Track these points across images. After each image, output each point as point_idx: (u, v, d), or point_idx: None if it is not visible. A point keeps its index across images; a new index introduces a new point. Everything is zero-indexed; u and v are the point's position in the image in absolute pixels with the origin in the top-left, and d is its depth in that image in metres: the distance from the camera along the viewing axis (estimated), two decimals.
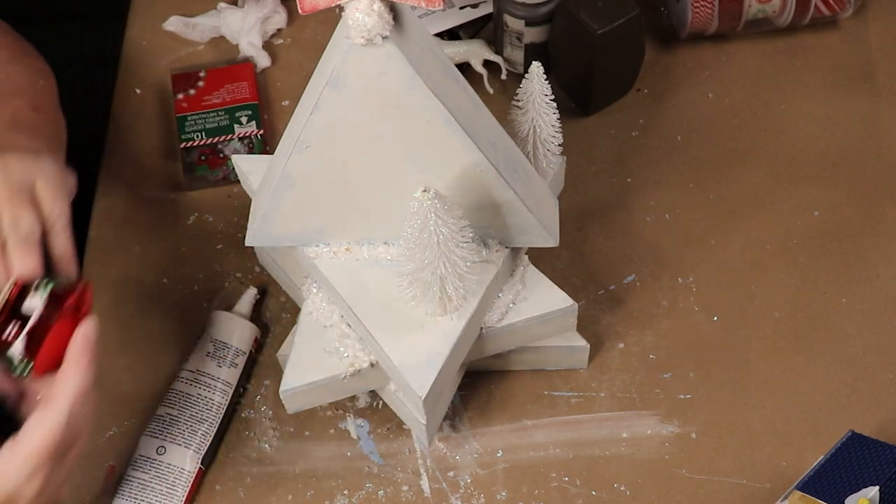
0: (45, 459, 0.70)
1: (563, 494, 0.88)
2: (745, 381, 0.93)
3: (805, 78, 1.10)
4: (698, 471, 0.89)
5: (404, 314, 0.83)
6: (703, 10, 1.07)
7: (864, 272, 0.98)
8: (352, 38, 0.69)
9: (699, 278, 0.98)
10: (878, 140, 1.05)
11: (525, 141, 0.89)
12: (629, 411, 0.92)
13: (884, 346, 0.94)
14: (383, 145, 0.77)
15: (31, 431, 0.70)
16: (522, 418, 0.92)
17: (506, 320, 0.87)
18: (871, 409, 0.91)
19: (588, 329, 0.94)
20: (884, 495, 0.77)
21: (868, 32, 1.12)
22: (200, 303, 0.99)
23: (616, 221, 1.01)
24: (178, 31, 1.15)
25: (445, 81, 0.76)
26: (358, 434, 0.92)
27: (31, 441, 0.70)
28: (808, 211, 1.01)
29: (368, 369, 0.86)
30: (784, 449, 0.89)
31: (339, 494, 0.89)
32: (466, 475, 0.89)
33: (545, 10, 1.03)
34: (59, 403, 0.71)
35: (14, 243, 0.75)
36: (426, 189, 0.73)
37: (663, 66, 1.11)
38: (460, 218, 0.76)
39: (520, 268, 0.88)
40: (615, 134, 1.07)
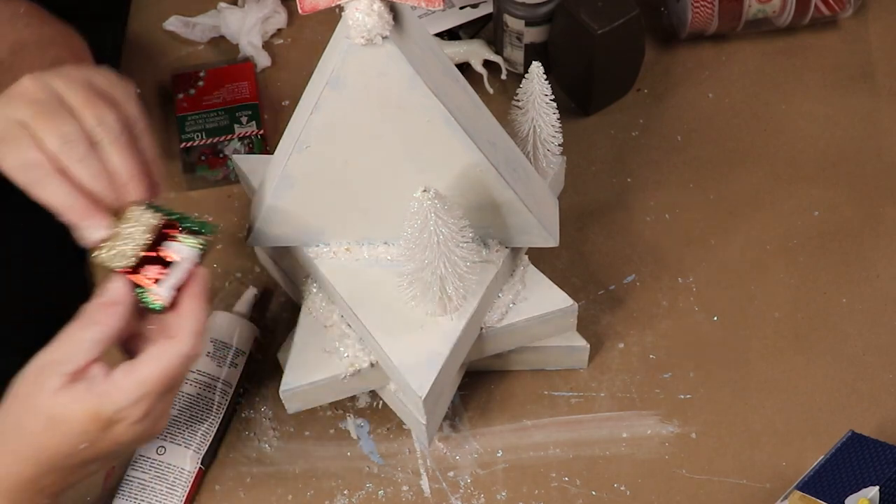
0: (156, 388, 0.71)
1: (563, 494, 0.88)
2: (745, 381, 0.93)
3: (805, 78, 1.10)
4: (698, 471, 0.89)
5: (404, 314, 0.83)
6: (703, 10, 1.07)
7: (864, 272, 0.98)
8: (352, 38, 0.69)
9: (699, 278, 0.98)
10: (878, 140, 1.05)
11: (525, 141, 0.89)
12: (629, 411, 0.92)
13: (884, 346, 0.94)
14: (383, 145, 0.77)
15: (150, 359, 0.72)
16: (522, 418, 0.92)
17: (506, 320, 0.87)
18: (871, 409, 0.91)
19: (588, 329, 0.94)
20: (884, 495, 0.77)
21: (868, 32, 1.12)
22: None
23: (616, 221, 1.01)
24: (178, 31, 1.15)
25: (445, 81, 0.76)
26: (358, 434, 0.92)
27: (147, 367, 0.71)
28: (808, 211, 1.01)
29: (368, 369, 0.86)
30: (784, 449, 0.89)
31: (339, 494, 0.89)
32: (466, 475, 0.89)
33: (545, 10, 1.03)
34: (182, 337, 0.72)
35: (108, 142, 0.73)
36: (426, 189, 0.73)
37: (663, 66, 1.11)
38: (460, 218, 0.76)
39: (520, 268, 0.88)
40: (615, 134, 1.07)
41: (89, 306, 0.73)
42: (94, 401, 0.70)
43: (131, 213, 0.74)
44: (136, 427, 0.72)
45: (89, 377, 0.71)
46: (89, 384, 0.70)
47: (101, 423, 0.71)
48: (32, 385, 0.71)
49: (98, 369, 0.71)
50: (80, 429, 0.70)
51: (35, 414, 0.70)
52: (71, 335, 0.72)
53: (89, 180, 0.72)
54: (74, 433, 0.70)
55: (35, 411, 0.70)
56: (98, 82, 0.75)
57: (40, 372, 0.71)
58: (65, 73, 0.75)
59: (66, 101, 0.73)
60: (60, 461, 0.72)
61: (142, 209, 0.74)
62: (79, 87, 0.74)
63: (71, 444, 0.71)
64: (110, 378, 0.71)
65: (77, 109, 0.73)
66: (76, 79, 0.74)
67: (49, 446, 0.71)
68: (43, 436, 0.71)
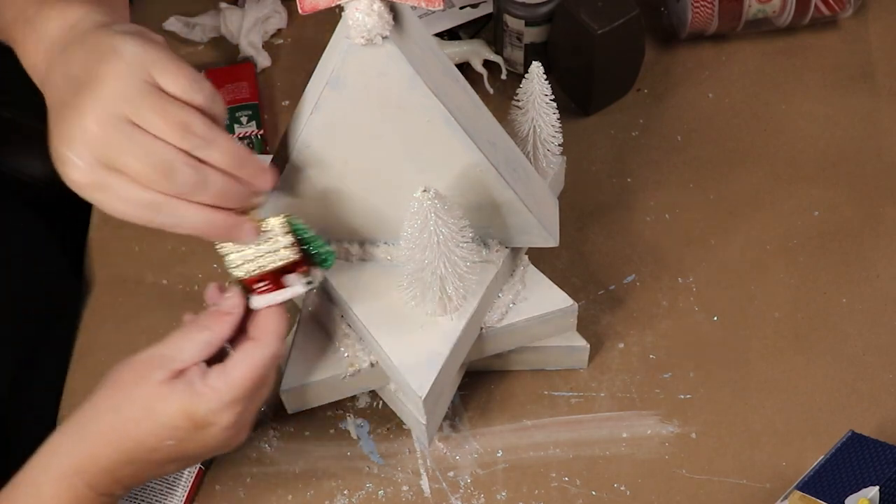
0: (246, 391, 0.73)
1: (563, 494, 0.88)
2: (745, 381, 0.93)
3: (805, 78, 1.10)
4: (698, 471, 0.89)
5: (404, 314, 0.83)
6: (703, 10, 1.07)
7: (864, 272, 0.98)
8: (352, 38, 0.69)
9: (699, 278, 0.98)
10: (878, 140, 1.05)
11: (525, 141, 0.89)
12: (629, 411, 0.92)
13: (884, 346, 0.94)
14: (383, 145, 0.77)
15: (239, 362, 0.73)
16: (522, 418, 0.92)
17: (506, 320, 0.87)
18: (871, 409, 0.91)
19: (588, 329, 0.94)
20: (884, 495, 0.77)
21: (868, 32, 1.12)
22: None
23: (616, 221, 1.01)
24: (178, 31, 1.15)
25: (445, 81, 0.76)
26: (358, 434, 0.92)
27: (238, 370, 0.73)
28: (808, 211, 1.01)
29: (368, 369, 0.86)
30: (784, 449, 0.89)
31: (339, 494, 0.89)
32: (466, 475, 0.89)
33: (545, 10, 1.03)
34: (268, 339, 0.74)
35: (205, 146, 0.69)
36: (426, 189, 0.73)
37: (663, 66, 1.11)
38: (460, 218, 0.76)
39: (520, 268, 0.88)
40: (615, 134, 1.07)
41: (206, 312, 0.76)
42: (190, 399, 0.72)
43: (270, 228, 0.75)
44: (224, 433, 0.74)
45: (189, 377, 0.72)
46: (189, 383, 0.72)
47: (192, 423, 0.72)
48: (138, 374, 0.73)
49: (198, 371, 0.73)
50: (172, 424, 0.72)
51: (133, 401, 0.72)
52: (184, 334, 0.74)
53: (210, 195, 0.69)
54: (165, 427, 0.72)
55: (134, 398, 0.72)
56: (162, 80, 0.68)
57: (149, 363, 0.73)
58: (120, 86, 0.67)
59: (141, 123, 0.67)
60: (143, 454, 0.73)
61: (282, 223, 0.75)
62: (145, 99, 0.67)
63: (158, 438, 0.72)
64: (206, 380, 0.72)
65: (157, 128, 0.67)
66: (136, 87, 0.67)
67: (137, 435, 0.72)
68: (135, 424, 0.72)
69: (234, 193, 0.71)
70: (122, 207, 0.68)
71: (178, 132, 0.67)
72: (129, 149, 0.66)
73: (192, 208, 0.69)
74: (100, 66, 0.67)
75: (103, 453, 0.73)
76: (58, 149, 0.68)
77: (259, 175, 0.72)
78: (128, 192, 0.68)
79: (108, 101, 0.66)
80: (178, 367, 0.73)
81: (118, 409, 0.73)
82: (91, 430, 0.73)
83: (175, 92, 0.68)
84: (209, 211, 0.70)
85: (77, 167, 0.67)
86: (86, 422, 0.74)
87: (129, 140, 0.66)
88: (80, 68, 0.68)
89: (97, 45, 0.69)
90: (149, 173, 0.67)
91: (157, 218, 0.69)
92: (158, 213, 0.68)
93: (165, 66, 0.68)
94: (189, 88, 0.68)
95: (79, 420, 0.74)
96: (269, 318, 0.75)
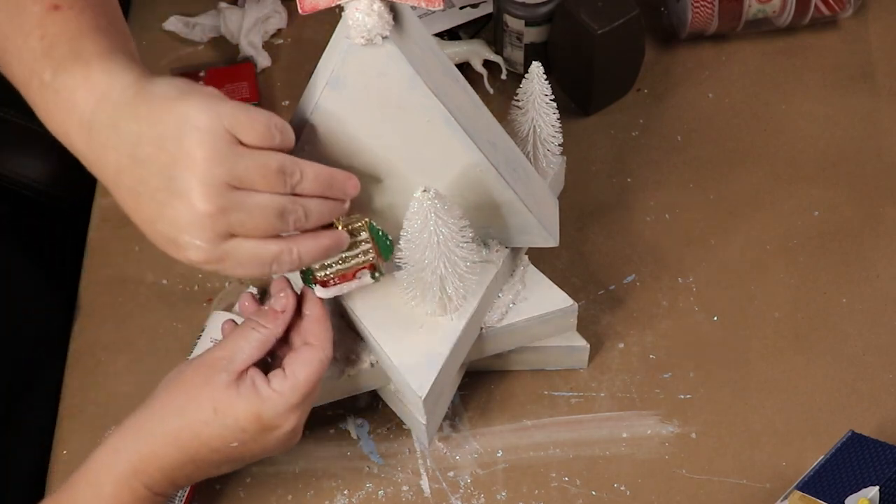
0: (307, 395, 0.75)
1: (563, 494, 0.88)
2: (745, 381, 0.93)
3: (805, 78, 1.10)
4: (698, 471, 0.89)
5: (404, 314, 0.83)
6: (703, 10, 1.07)
7: (864, 272, 0.98)
8: (352, 38, 0.69)
9: (699, 278, 0.98)
10: (878, 140, 1.05)
11: (525, 141, 0.89)
12: (629, 411, 0.92)
13: (884, 346, 0.94)
14: (383, 145, 0.77)
15: (301, 366, 0.75)
16: (522, 418, 0.92)
17: (506, 320, 0.87)
18: (871, 409, 0.91)
19: (588, 329, 0.94)
20: (884, 495, 0.77)
21: (868, 32, 1.12)
22: (200, 303, 0.99)
23: (616, 221, 1.01)
24: (178, 31, 1.15)
25: (445, 81, 0.76)
26: (358, 434, 0.92)
27: (301, 373, 0.75)
28: (808, 211, 1.01)
29: (368, 369, 0.86)
30: (784, 449, 0.89)
31: (339, 494, 0.89)
32: (466, 475, 0.89)
33: (545, 10, 1.03)
34: (323, 344, 0.77)
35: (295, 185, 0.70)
36: (426, 189, 0.73)
37: (663, 66, 1.11)
38: (460, 218, 0.76)
39: (520, 268, 0.88)
40: (615, 134, 1.07)
41: (258, 311, 0.78)
42: (259, 403, 0.74)
43: (356, 231, 0.77)
44: (286, 436, 0.76)
45: (252, 380, 0.74)
46: (255, 386, 0.74)
47: (259, 425, 0.74)
48: (202, 377, 0.74)
49: (258, 374, 0.75)
50: (240, 426, 0.73)
51: (201, 402, 0.73)
52: (241, 334, 0.76)
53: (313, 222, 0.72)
54: (233, 429, 0.73)
55: (201, 400, 0.73)
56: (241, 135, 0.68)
57: (211, 365, 0.74)
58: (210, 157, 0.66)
59: (241, 185, 0.67)
60: (206, 454, 0.74)
61: (362, 224, 0.77)
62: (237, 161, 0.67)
63: (225, 440, 0.74)
64: (272, 384, 0.74)
65: (257, 182, 0.68)
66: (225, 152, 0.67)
67: (204, 436, 0.73)
68: (205, 424, 0.73)
69: (332, 211, 0.73)
70: (243, 271, 0.71)
71: (276, 179, 0.69)
72: (242, 213, 0.68)
73: (304, 245, 0.72)
74: (179, 142, 0.66)
75: (167, 453, 0.74)
76: (171, 235, 0.68)
77: (347, 184, 0.74)
78: (246, 255, 0.69)
79: (206, 176, 0.66)
80: (239, 368, 0.74)
81: (183, 410, 0.74)
82: (155, 432, 0.74)
83: (255, 142, 0.68)
84: (317, 239, 0.73)
85: (198, 248, 0.68)
86: (148, 424, 0.75)
87: (239, 206, 0.67)
88: (152, 147, 0.67)
89: (161, 119, 0.67)
90: (264, 227, 0.69)
91: (275, 269, 0.71)
92: (277, 264, 0.71)
93: (238, 119, 0.68)
94: (267, 134, 0.69)
95: (139, 422, 0.75)
96: (320, 325, 0.78)
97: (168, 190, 0.67)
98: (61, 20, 0.71)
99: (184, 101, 0.67)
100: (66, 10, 0.72)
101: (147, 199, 0.68)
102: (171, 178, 0.66)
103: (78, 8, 0.72)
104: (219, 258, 0.69)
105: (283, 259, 0.71)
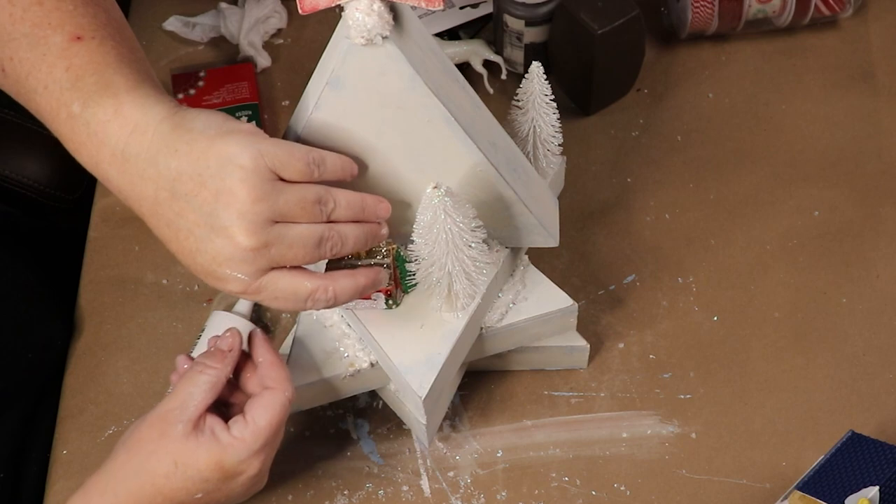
0: (270, 438, 0.74)
1: (563, 494, 0.88)
2: (745, 381, 0.93)
3: (805, 78, 1.10)
4: (698, 471, 0.89)
5: (404, 314, 0.83)
6: (703, 10, 1.07)
7: (864, 272, 0.98)
8: (352, 38, 0.69)
9: (699, 278, 0.98)
10: (878, 140, 1.05)
11: (525, 141, 0.89)
12: (629, 411, 0.92)
13: (884, 346, 0.94)
14: (383, 145, 0.76)
15: (262, 410, 0.74)
16: (522, 418, 0.92)
17: (506, 320, 0.87)
18: (871, 409, 0.91)
19: (588, 329, 0.94)
20: (884, 495, 0.77)
21: (868, 32, 1.12)
22: (200, 303, 0.99)
23: (616, 221, 1.01)
24: (178, 31, 1.15)
25: (445, 81, 0.76)
26: (358, 434, 0.92)
27: (262, 418, 0.74)
28: (808, 211, 1.01)
29: (368, 369, 0.86)
30: (784, 449, 0.89)
31: (339, 494, 0.89)
32: (466, 475, 0.89)
33: (545, 10, 1.03)
34: (283, 385, 0.76)
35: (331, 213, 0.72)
36: (437, 185, 0.73)
37: (663, 66, 1.11)
38: (473, 218, 0.76)
39: (520, 268, 0.88)
40: (615, 134, 1.07)
41: (204, 354, 0.77)
42: (220, 451, 0.73)
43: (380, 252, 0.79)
44: (251, 481, 0.75)
45: (211, 429, 0.73)
46: (214, 434, 0.73)
47: (222, 473, 0.73)
48: (158, 431, 0.73)
49: (217, 422, 0.74)
50: (202, 476, 0.73)
51: (160, 456, 0.72)
52: (189, 380, 0.75)
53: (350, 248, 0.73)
54: (195, 480, 0.73)
55: (160, 454, 0.73)
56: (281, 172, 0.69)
57: (164, 419, 0.73)
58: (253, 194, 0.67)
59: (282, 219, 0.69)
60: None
61: (388, 250, 0.79)
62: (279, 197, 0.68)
63: (188, 492, 0.73)
64: (231, 430, 0.73)
65: (297, 216, 0.70)
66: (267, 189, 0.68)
67: (167, 490, 0.73)
68: (166, 479, 0.72)
69: (367, 235, 0.74)
70: (278, 305, 0.72)
71: (314, 210, 0.70)
72: (283, 246, 0.69)
73: (340, 283, 0.73)
74: (222, 180, 0.67)
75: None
76: (211, 269, 0.69)
77: (378, 207, 0.74)
78: (283, 289, 0.71)
79: (250, 213, 0.67)
80: (194, 416, 0.73)
81: (143, 467, 0.73)
82: (118, 491, 0.73)
83: (295, 178, 0.70)
84: (354, 277, 0.74)
85: (239, 281, 0.70)
86: (111, 484, 0.74)
87: (279, 239, 0.69)
88: (192, 183, 0.68)
89: (202, 156, 0.68)
90: (303, 256, 0.70)
91: (310, 305, 0.72)
92: (312, 301, 0.72)
93: (279, 157, 0.69)
94: (306, 171, 0.70)
95: (100, 483, 0.74)
96: (276, 368, 0.77)
97: (209, 226, 0.68)
98: (86, 51, 0.72)
99: (224, 139, 0.68)
100: (88, 40, 0.72)
101: (186, 232, 0.69)
102: (212, 214, 0.68)
103: (100, 38, 0.73)
104: (257, 290, 0.70)
105: (319, 297, 0.72)
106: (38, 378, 0.97)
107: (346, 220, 0.72)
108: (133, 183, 0.70)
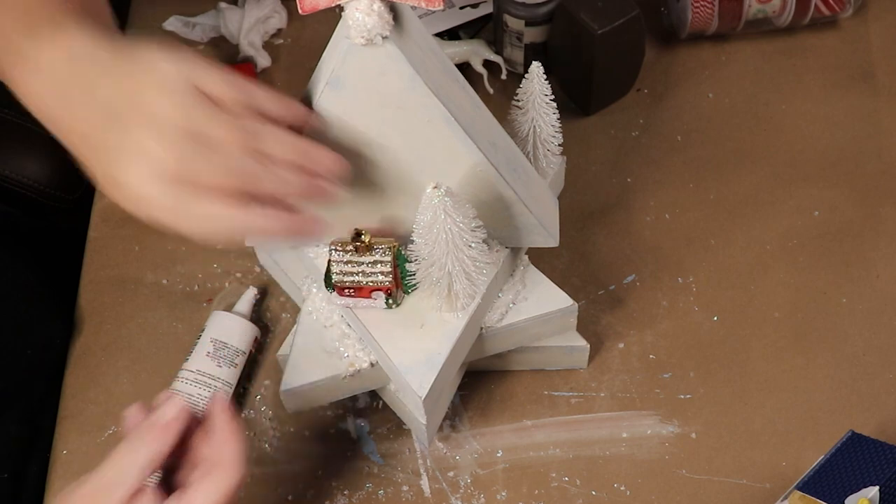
0: None
1: (563, 494, 0.88)
2: (745, 381, 0.93)
3: (805, 78, 1.10)
4: (698, 471, 0.89)
5: (404, 314, 0.83)
6: (703, 10, 1.07)
7: (864, 272, 0.98)
8: (352, 38, 0.69)
9: (699, 278, 0.98)
10: (878, 140, 1.05)
11: (525, 141, 0.89)
12: (629, 411, 0.92)
13: (884, 346, 0.94)
14: (383, 145, 0.77)
15: (203, 495, 0.69)
16: (522, 418, 0.92)
17: (506, 320, 0.87)
18: (871, 409, 0.91)
19: (588, 329, 0.94)
20: (884, 495, 0.77)
21: (868, 32, 1.12)
22: (200, 303, 0.99)
23: (616, 221, 1.01)
24: (178, 31, 1.15)
25: (445, 81, 0.76)
26: (358, 434, 0.92)
27: (204, 500, 0.69)
28: (808, 211, 1.01)
29: (368, 369, 0.86)
30: (784, 449, 0.89)
31: (339, 494, 0.89)
32: (466, 475, 0.89)
33: (545, 10, 1.03)
34: (230, 465, 0.70)
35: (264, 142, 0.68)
36: (437, 185, 0.73)
37: (663, 66, 1.11)
38: (473, 218, 0.76)
39: (520, 268, 0.88)
40: (615, 134, 1.07)
41: (142, 426, 0.70)
42: None
43: (377, 249, 0.79)
44: None
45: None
46: None
47: None
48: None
49: (152, 497, 0.68)
50: None
51: None
52: (122, 457, 0.69)
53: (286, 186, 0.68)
54: None
55: None
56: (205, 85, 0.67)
57: (94, 495, 0.68)
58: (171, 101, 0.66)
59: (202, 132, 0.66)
60: None
61: (389, 247, 0.79)
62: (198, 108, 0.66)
63: None
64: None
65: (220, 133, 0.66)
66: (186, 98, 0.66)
67: None
68: None
69: (309, 187, 0.69)
70: (199, 229, 0.67)
71: (239, 136, 0.67)
72: (200, 160, 0.66)
73: (268, 218, 0.68)
74: (143, 87, 0.66)
75: None
76: (136, 192, 0.66)
77: (325, 157, 0.71)
78: (203, 213, 0.66)
79: (168, 125, 0.65)
80: (126, 495, 0.67)
81: None
82: None
83: (217, 93, 0.68)
84: (287, 218, 0.69)
85: (155, 200, 0.66)
86: None
87: (196, 152, 0.66)
88: (117, 95, 0.67)
89: (127, 67, 0.67)
90: (223, 179, 0.66)
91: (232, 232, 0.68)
92: (231, 227, 0.67)
93: (204, 71, 0.67)
94: (232, 93, 0.68)
95: None
96: (232, 442, 0.71)
97: (133, 144, 0.66)
98: None
99: (159, 61, 0.67)
100: None
101: (99, 151, 0.67)
102: (136, 132, 0.66)
103: None
104: (175, 211, 0.66)
105: (236, 224, 0.67)
106: (38, 378, 0.97)
107: (284, 159, 0.68)
108: (68, 109, 0.69)
